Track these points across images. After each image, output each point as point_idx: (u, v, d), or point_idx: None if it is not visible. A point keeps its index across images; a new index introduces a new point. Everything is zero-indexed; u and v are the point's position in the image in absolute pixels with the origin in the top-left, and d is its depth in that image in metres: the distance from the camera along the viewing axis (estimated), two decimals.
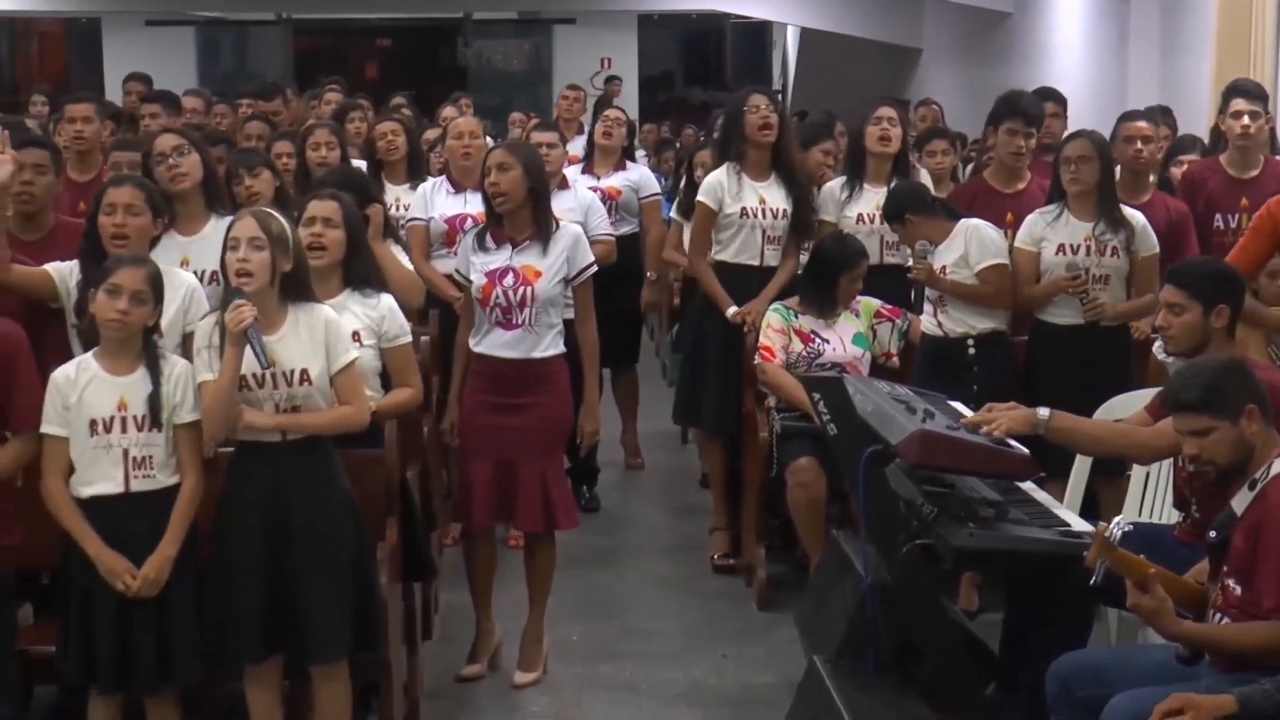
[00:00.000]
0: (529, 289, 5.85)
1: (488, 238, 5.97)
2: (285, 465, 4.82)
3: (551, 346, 5.93)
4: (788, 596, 6.79)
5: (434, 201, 7.46)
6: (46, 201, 5.78)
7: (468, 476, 5.98)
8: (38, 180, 5.65)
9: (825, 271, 6.82)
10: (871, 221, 7.18)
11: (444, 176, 7.63)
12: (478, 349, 5.96)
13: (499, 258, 5.91)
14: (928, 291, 6.68)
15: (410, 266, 6.42)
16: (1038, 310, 6.63)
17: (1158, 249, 6.53)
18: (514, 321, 5.87)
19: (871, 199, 7.21)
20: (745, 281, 7.22)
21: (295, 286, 4.88)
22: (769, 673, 6.20)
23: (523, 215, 5.90)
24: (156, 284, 4.78)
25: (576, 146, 9.74)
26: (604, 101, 12.39)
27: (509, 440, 5.88)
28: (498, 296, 5.87)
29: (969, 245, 6.56)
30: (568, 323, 6.12)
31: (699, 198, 7.32)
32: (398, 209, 7.67)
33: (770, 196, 7.14)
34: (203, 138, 6.25)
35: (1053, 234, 6.52)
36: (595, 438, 6.29)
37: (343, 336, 4.93)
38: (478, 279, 5.92)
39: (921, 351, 6.75)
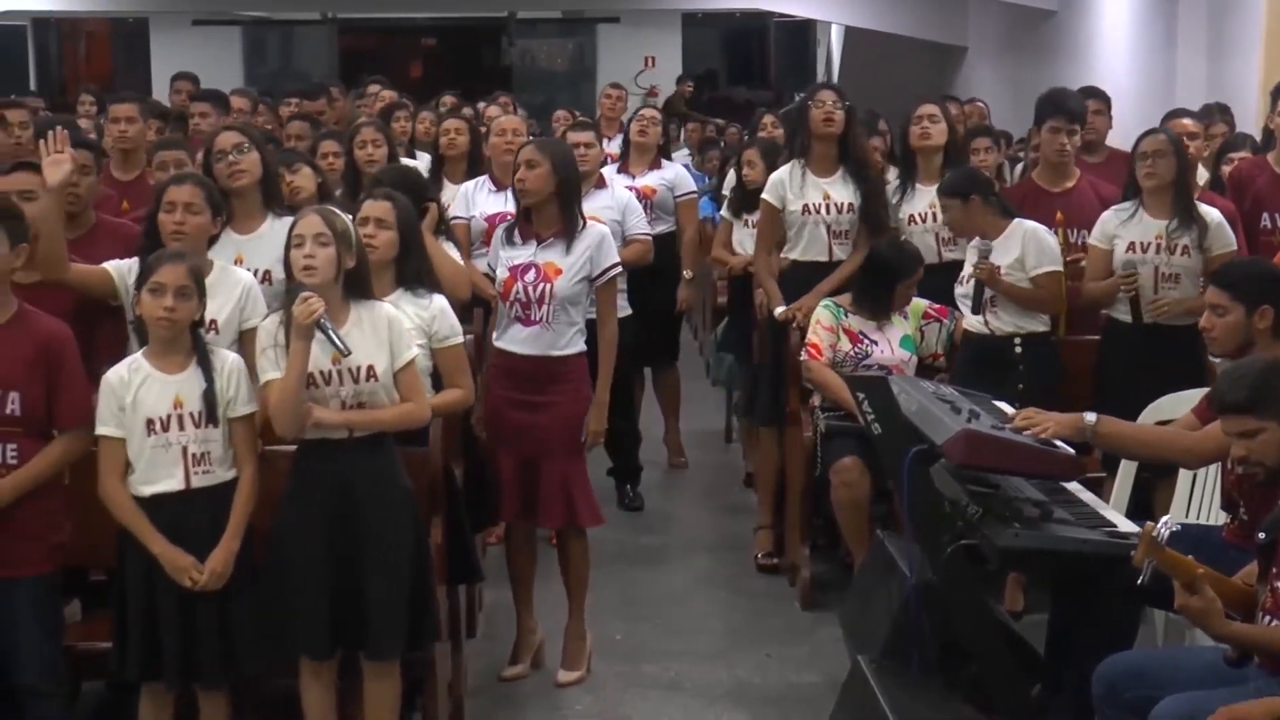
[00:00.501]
0: (548, 286, 5.86)
1: (515, 233, 6.00)
2: (349, 462, 4.84)
3: (571, 345, 5.93)
4: (831, 596, 6.79)
5: (475, 200, 7.47)
6: (89, 203, 5.82)
7: (495, 471, 6.00)
8: (82, 180, 5.71)
9: (881, 278, 6.79)
10: (924, 221, 7.16)
11: (486, 175, 7.64)
12: (498, 343, 5.98)
13: (523, 253, 5.93)
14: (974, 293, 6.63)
15: (462, 263, 6.44)
16: (1107, 308, 6.61)
17: (1234, 246, 6.48)
18: (532, 318, 5.88)
19: (925, 198, 7.18)
20: (815, 279, 7.20)
21: (358, 284, 4.91)
22: (813, 672, 6.19)
23: (549, 212, 5.91)
24: (199, 278, 4.80)
25: (618, 145, 9.74)
26: (675, 101, 12.30)
27: (531, 437, 5.89)
28: (518, 291, 5.88)
29: (1026, 249, 6.52)
30: (590, 322, 6.13)
31: (763, 195, 7.33)
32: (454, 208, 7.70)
33: (835, 192, 7.13)
34: (260, 135, 6.26)
35: (1125, 232, 6.48)
36: (599, 438, 6.23)
37: (404, 334, 4.95)
38: (501, 273, 5.95)
39: (964, 350, 6.72)
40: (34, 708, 4.86)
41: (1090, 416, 4.86)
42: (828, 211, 7.13)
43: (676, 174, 8.85)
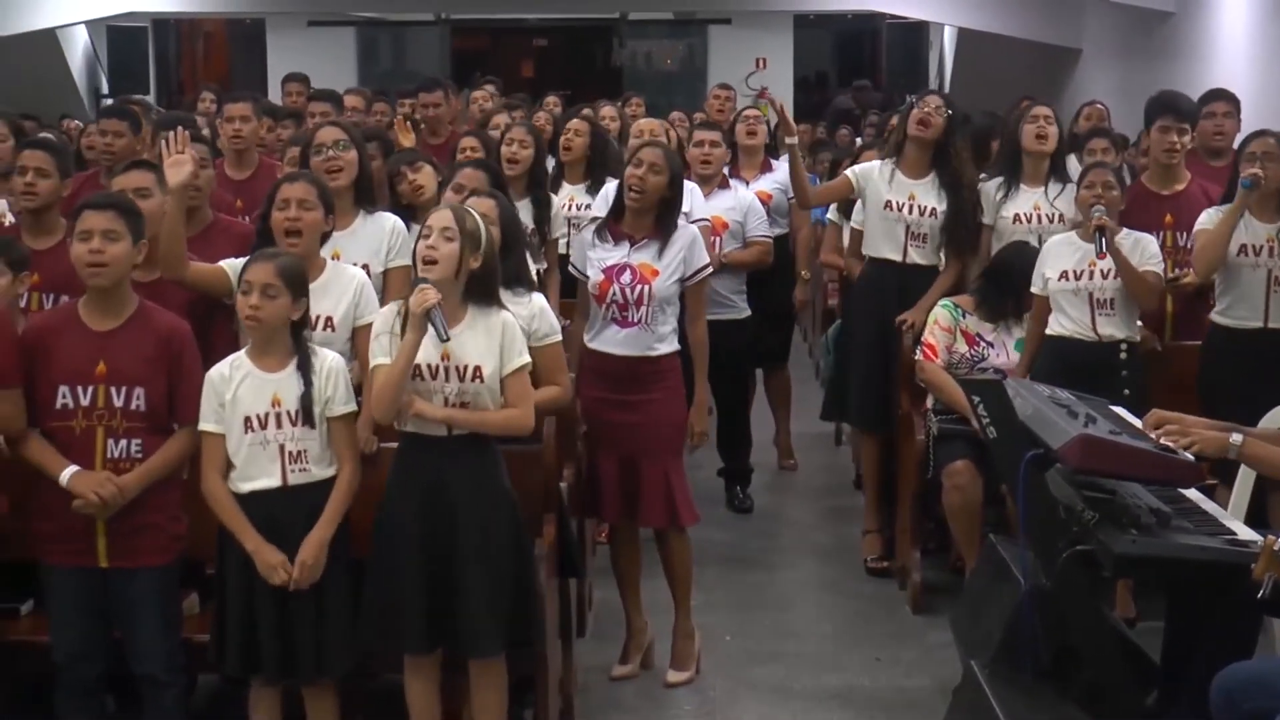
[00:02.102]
0: (646, 287, 5.86)
1: (605, 232, 6.00)
2: (449, 460, 4.86)
3: (665, 345, 5.94)
4: (941, 600, 6.76)
5: (599, 201, 7.46)
6: (207, 198, 5.89)
7: (595, 471, 6.02)
8: (200, 174, 5.78)
9: (1007, 284, 6.72)
10: (1027, 221, 7.11)
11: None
12: (592, 344, 5.98)
13: (616, 254, 5.93)
14: (1095, 293, 6.53)
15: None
16: (1215, 314, 6.54)
17: None
18: (630, 319, 5.89)
19: (1029, 199, 7.13)
20: (884, 277, 7.19)
21: (481, 287, 4.91)
22: (923, 676, 6.16)
23: (648, 216, 5.93)
24: (291, 277, 4.83)
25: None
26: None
27: (629, 437, 5.91)
28: (615, 293, 5.89)
29: (1135, 248, 6.47)
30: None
31: (848, 170, 7.36)
32: (571, 208, 7.72)
33: (921, 194, 7.11)
34: (360, 134, 6.32)
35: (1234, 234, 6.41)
36: (704, 439, 6.26)
37: (518, 341, 4.93)
38: (594, 274, 5.94)
39: (1055, 358, 6.56)
40: (152, 697, 4.94)
41: (1236, 436, 4.71)
42: (909, 212, 7.11)
43: (785, 176, 8.83)
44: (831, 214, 8.62)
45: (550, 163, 8.21)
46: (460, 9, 20.49)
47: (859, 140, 14.04)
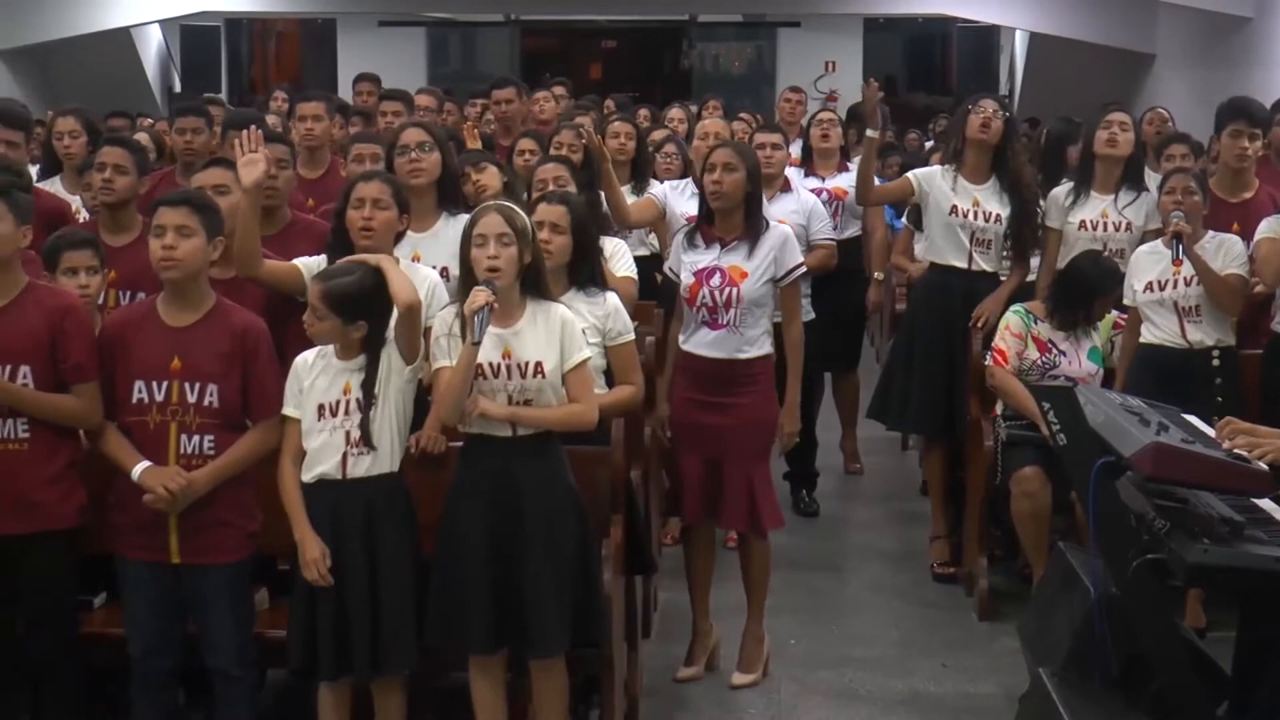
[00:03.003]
0: (735, 289, 5.87)
1: (697, 236, 6.02)
2: (514, 459, 4.87)
3: (757, 347, 5.94)
4: (1009, 607, 6.73)
5: (676, 201, 7.47)
6: (285, 197, 5.92)
7: (679, 472, 6.02)
8: (279, 175, 5.82)
9: (1080, 294, 6.69)
10: (1094, 229, 7.07)
11: (689, 178, 7.63)
12: (685, 346, 6.00)
13: (706, 257, 5.94)
14: (1179, 301, 6.50)
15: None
16: (1277, 324, 6.47)
17: None
18: (719, 321, 5.90)
19: (1097, 206, 7.10)
20: (948, 283, 7.16)
21: (534, 281, 4.94)
22: (989, 683, 6.14)
23: (735, 216, 5.93)
24: (337, 300, 4.82)
25: (796, 149, 9.70)
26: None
27: (715, 439, 5.91)
28: (704, 296, 5.90)
29: (1218, 250, 6.42)
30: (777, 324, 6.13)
31: (910, 173, 7.35)
32: None
33: (985, 199, 7.08)
34: (444, 135, 6.34)
35: None
36: (794, 439, 6.26)
37: (577, 336, 4.96)
38: (685, 277, 5.96)
39: (1145, 365, 6.57)
40: (224, 691, 4.98)
41: None
42: (975, 218, 7.09)
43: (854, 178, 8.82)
44: (904, 219, 8.61)
45: None
46: (530, 10, 20.56)
47: (928, 144, 13.99)
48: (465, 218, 5.86)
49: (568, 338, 4.92)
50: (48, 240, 5.44)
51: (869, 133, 7.47)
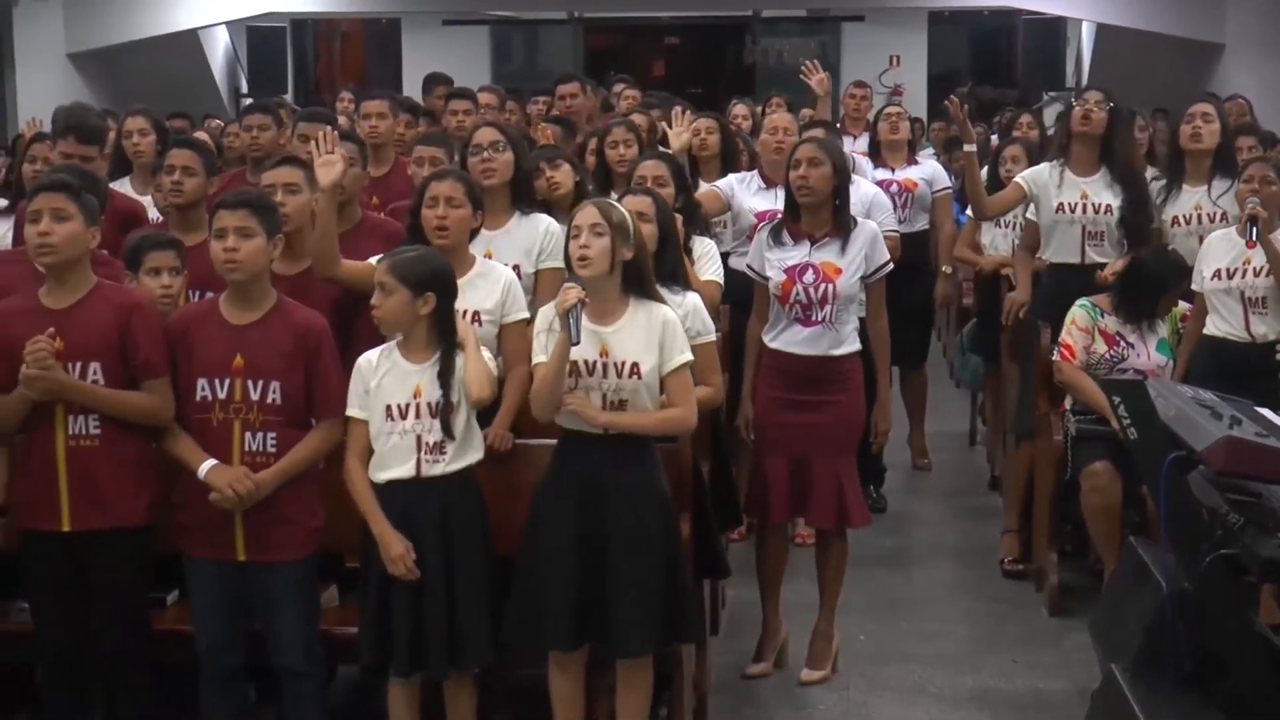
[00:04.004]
0: (830, 286, 5.85)
1: (784, 233, 5.98)
2: (605, 458, 4.86)
3: (849, 344, 5.93)
4: (1079, 603, 6.69)
5: (743, 195, 7.45)
6: (355, 194, 5.94)
7: (763, 472, 6.00)
8: (348, 172, 5.83)
9: (1146, 290, 6.63)
10: (1189, 223, 7.01)
11: (755, 171, 7.62)
12: (773, 344, 5.97)
13: (797, 253, 5.92)
14: (1246, 291, 6.44)
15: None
16: None
17: None
18: (814, 318, 5.88)
19: (1189, 200, 7.03)
20: (1066, 281, 7.10)
21: (637, 279, 4.91)
22: (1060, 679, 6.10)
23: (824, 212, 5.91)
24: (405, 272, 4.83)
25: (862, 144, 9.67)
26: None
27: (804, 437, 5.89)
28: (798, 293, 5.87)
29: None
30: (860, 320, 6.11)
31: (1019, 177, 7.28)
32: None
33: (1094, 192, 7.02)
34: (518, 134, 6.34)
35: None
36: (886, 438, 6.26)
37: (680, 338, 4.91)
38: (775, 275, 5.92)
39: (1209, 358, 6.51)
40: (293, 688, 5.01)
41: None
42: (1084, 211, 7.01)
43: (934, 170, 8.82)
44: (970, 211, 8.54)
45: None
46: (593, 7, 20.55)
47: (994, 138, 13.90)
48: (539, 217, 5.91)
49: (669, 339, 4.87)
50: (130, 240, 5.48)
51: (966, 148, 7.41)
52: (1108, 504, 6.39)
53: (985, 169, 8.63)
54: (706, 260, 6.23)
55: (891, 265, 6.07)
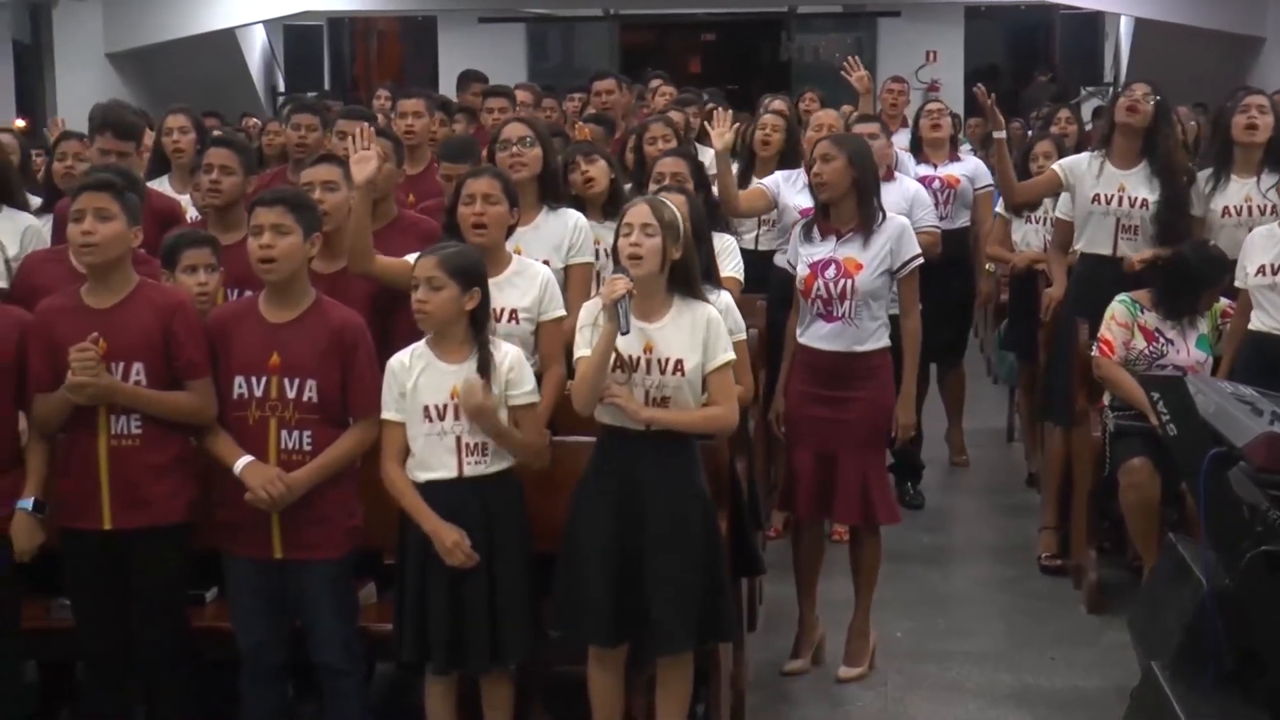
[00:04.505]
0: (849, 281, 5.83)
1: (814, 229, 5.99)
2: (646, 455, 4.86)
3: (873, 340, 5.91)
4: (1118, 600, 6.66)
5: (788, 193, 7.44)
6: (389, 191, 5.94)
7: (792, 466, 6.00)
8: (383, 168, 5.83)
9: (1187, 286, 6.59)
10: (1238, 214, 6.96)
11: (802, 168, 7.60)
12: (801, 340, 5.98)
13: (822, 249, 5.92)
14: None
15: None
16: None
17: None
18: (834, 314, 5.87)
19: (1239, 191, 6.98)
20: (1098, 273, 7.07)
21: (684, 278, 4.92)
22: (1099, 677, 6.07)
23: (846, 206, 5.90)
24: (455, 267, 4.84)
25: (900, 140, 9.65)
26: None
27: (830, 432, 5.88)
28: (819, 288, 5.87)
29: None
30: (893, 316, 6.10)
31: (1055, 164, 7.26)
32: None
33: (1131, 185, 6.99)
34: (546, 130, 6.35)
35: None
36: (910, 431, 6.23)
37: (723, 337, 4.91)
38: (801, 269, 5.94)
39: (1255, 350, 6.48)
40: (331, 685, 5.01)
41: None
42: (1119, 204, 6.98)
43: (976, 167, 8.79)
44: (1000, 208, 8.53)
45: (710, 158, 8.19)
46: (629, 4, 20.57)
47: (1029, 133, 13.85)
48: (567, 212, 5.91)
49: (713, 338, 4.88)
50: (167, 239, 5.50)
51: (995, 134, 7.40)
52: (1146, 500, 6.36)
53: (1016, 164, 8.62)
54: (726, 256, 6.24)
55: (921, 259, 6.04)
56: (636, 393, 4.84)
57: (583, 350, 4.85)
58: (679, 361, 4.84)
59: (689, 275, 4.93)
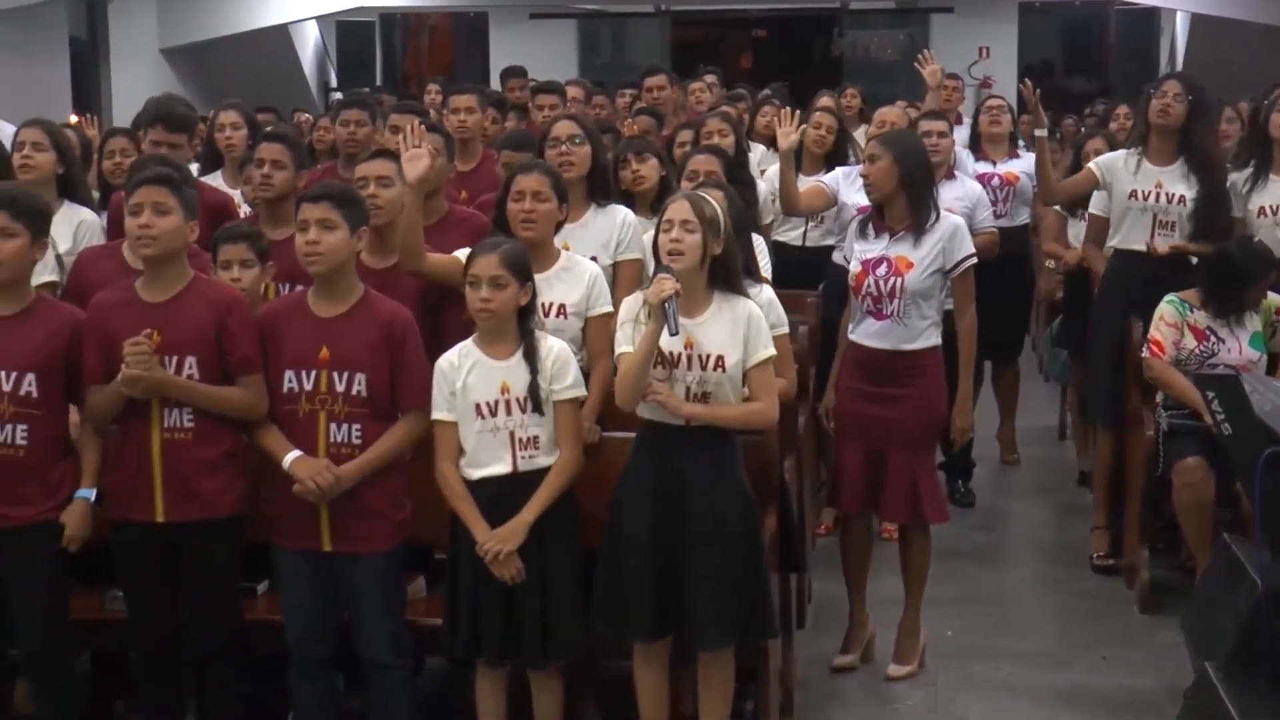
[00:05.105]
0: (899, 280, 5.81)
1: (869, 226, 5.97)
2: (685, 450, 4.85)
3: (924, 339, 5.88)
4: (1171, 600, 6.62)
5: (847, 190, 7.43)
6: (441, 186, 5.94)
7: (840, 462, 5.99)
8: (434, 165, 5.84)
9: (1232, 281, 6.55)
10: (1273, 214, 6.90)
11: (859, 165, 7.59)
12: (851, 336, 5.97)
13: (875, 247, 5.90)
14: None
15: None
16: None
17: None
18: (884, 312, 5.85)
19: (1277, 190, 6.91)
20: (1129, 269, 7.03)
21: (724, 274, 4.91)
22: (1151, 677, 6.03)
23: (898, 205, 5.88)
24: (515, 264, 4.86)
25: (955, 137, 9.61)
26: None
27: (879, 430, 5.86)
28: (869, 285, 5.85)
29: None
30: (947, 314, 6.07)
31: (1090, 163, 7.22)
32: None
33: (1169, 181, 6.94)
34: (596, 128, 6.35)
35: None
36: (967, 435, 6.21)
37: (764, 333, 4.90)
38: (853, 266, 5.92)
39: None
40: (378, 678, 5.03)
41: None
42: (1156, 200, 6.94)
43: (1031, 163, 8.73)
44: (1058, 205, 8.48)
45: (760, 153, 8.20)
46: (680, 0, 20.55)
47: (1083, 130, 13.76)
48: (616, 209, 5.91)
49: (753, 333, 4.87)
50: (216, 233, 5.53)
51: (1037, 132, 7.36)
52: (1200, 500, 6.32)
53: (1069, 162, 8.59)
54: (756, 254, 6.22)
55: (976, 259, 6.00)
56: (677, 388, 4.83)
57: (624, 347, 4.85)
58: (720, 357, 4.83)
59: (730, 271, 4.92)
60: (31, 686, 5.15)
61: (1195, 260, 6.90)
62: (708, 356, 4.84)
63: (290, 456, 4.88)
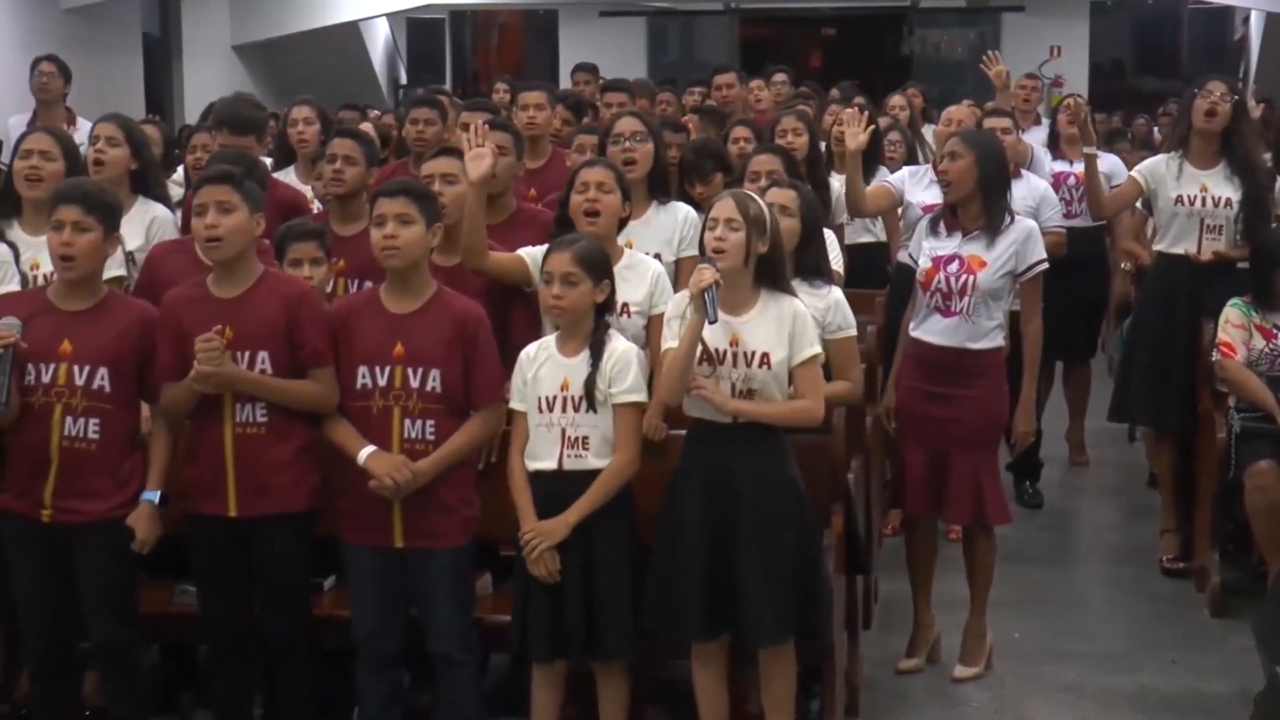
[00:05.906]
0: (971, 278, 5.79)
1: (940, 224, 5.95)
2: (733, 447, 4.85)
3: (988, 339, 5.85)
4: (1242, 604, 6.56)
5: (913, 190, 7.40)
6: (507, 184, 5.95)
7: (903, 462, 5.96)
8: (500, 161, 5.85)
9: (1270, 271, 6.53)
10: None
11: (929, 163, 7.56)
12: (915, 333, 5.94)
13: (948, 244, 5.89)
14: None
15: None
16: None
17: None
18: (953, 309, 5.83)
19: None
20: (1175, 272, 6.98)
21: (770, 272, 4.90)
22: (1221, 682, 5.98)
23: (974, 205, 5.85)
24: (589, 261, 4.87)
25: (1033, 137, 9.53)
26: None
27: (941, 430, 5.84)
28: (939, 282, 5.83)
29: None
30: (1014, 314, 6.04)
31: (1133, 171, 7.20)
32: None
33: (1214, 185, 6.89)
34: (659, 125, 6.36)
35: None
36: (1029, 439, 6.18)
37: (809, 331, 4.89)
38: (924, 262, 5.90)
39: None
40: (447, 674, 5.04)
41: None
42: (1203, 204, 6.89)
43: (1112, 164, 8.67)
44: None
45: None
46: None
47: (1156, 130, 13.66)
48: (677, 206, 5.93)
49: (799, 331, 4.85)
50: (278, 231, 5.55)
51: (1085, 150, 7.31)
52: (1273, 503, 6.27)
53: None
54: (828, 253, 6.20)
55: (1047, 265, 5.97)
56: (723, 385, 4.82)
57: (670, 342, 4.85)
58: (765, 355, 4.82)
59: (775, 269, 4.91)
60: (101, 679, 5.21)
61: (1239, 265, 6.86)
62: (753, 354, 4.83)
63: (365, 451, 4.90)
